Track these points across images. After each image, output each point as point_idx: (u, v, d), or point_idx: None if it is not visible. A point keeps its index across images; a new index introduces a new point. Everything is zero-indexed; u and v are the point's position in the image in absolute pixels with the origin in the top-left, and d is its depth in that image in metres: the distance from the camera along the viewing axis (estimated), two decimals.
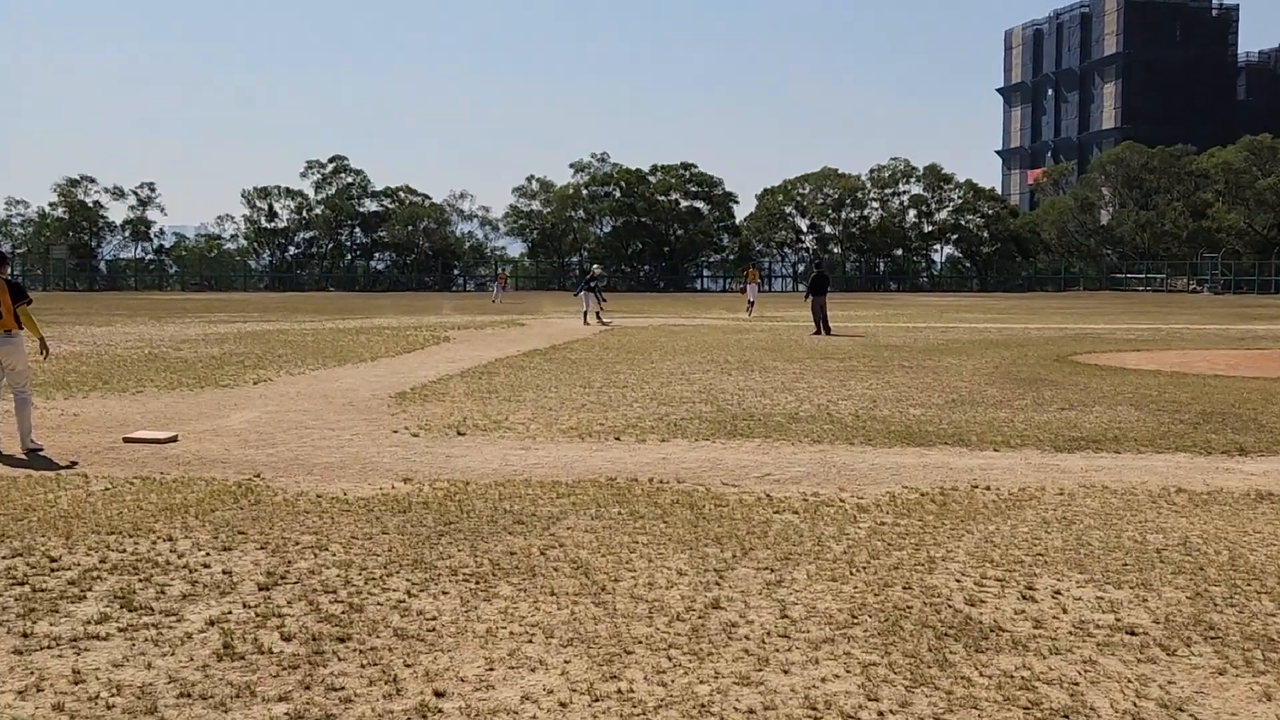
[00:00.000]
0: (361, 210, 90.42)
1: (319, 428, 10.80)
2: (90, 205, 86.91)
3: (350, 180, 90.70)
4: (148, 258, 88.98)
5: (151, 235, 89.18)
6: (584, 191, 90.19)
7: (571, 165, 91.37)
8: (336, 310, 42.30)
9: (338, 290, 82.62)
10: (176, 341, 22.92)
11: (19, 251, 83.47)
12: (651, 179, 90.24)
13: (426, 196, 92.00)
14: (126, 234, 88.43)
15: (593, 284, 31.99)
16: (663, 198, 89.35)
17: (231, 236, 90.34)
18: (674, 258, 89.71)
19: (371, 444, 9.86)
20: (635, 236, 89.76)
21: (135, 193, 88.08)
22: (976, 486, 8.04)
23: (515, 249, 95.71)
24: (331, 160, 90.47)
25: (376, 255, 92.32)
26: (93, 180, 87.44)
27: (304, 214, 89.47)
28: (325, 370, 16.80)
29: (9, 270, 10.28)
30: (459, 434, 10.39)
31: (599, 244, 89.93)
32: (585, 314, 31.34)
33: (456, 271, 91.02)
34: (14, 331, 9.68)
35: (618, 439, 10.15)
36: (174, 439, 10.02)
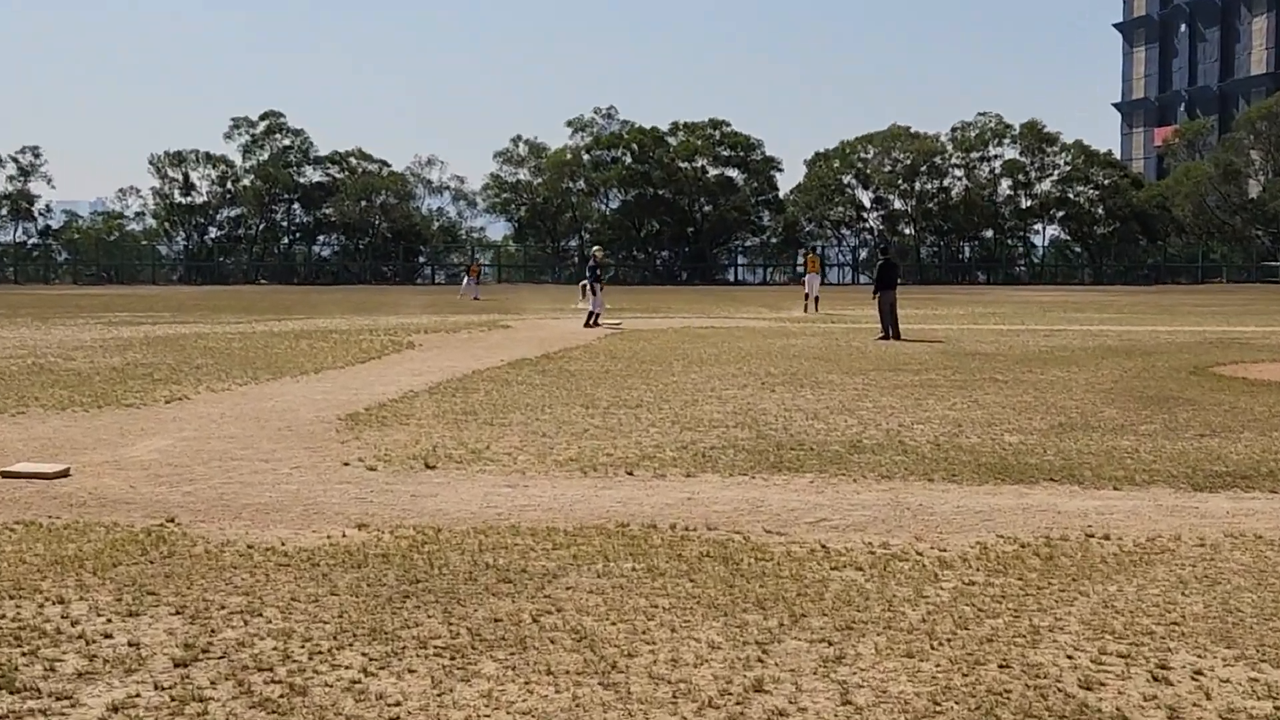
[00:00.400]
0: (302, 181, 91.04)
1: (249, 459, 10.84)
2: None
3: (288, 143, 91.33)
4: (30, 242, 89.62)
5: (35, 214, 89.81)
6: (585, 156, 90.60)
7: (569, 123, 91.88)
8: (270, 309, 42.52)
9: (272, 283, 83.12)
10: (67, 349, 23.07)
11: None
12: (671, 140, 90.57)
13: (384, 164, 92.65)
14: (3, 212, 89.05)
15: (598, 272, 31.84)
16: (686, 164, 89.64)
17: (136, 215, 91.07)
18: (700, 241, 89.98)
19: (316, 480, 9.88)
20: (651, 214, 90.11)
21: (15, 159, 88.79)
22: (1092, 535, 8.01)
23: (497, 230, 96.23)
24: (264, 117, 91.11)
25: (321, 239, 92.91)
26: None
27: (229, 186, 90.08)
28: (256, 385, 16.86)
29: None
30: (427, 467, 10.41)
31: (604, 223, 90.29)
32: (592, 315, 31.08)
33: (423, 259, 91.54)
34: None
35: (630, 473, 10.16)
36: (65, 473, 10.08)
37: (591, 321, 30.68)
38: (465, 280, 55.56)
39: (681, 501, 9.05)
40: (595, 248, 34.04)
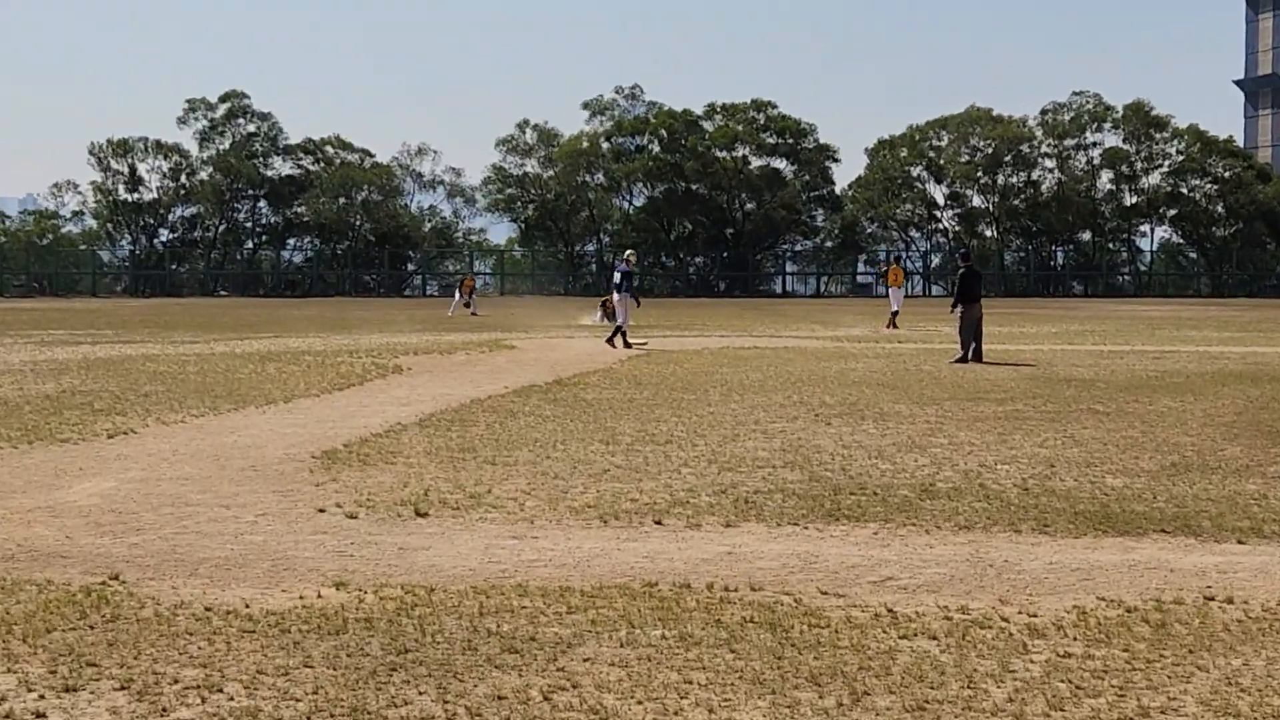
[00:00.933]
0: (269, 175, 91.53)
1: (206, 504, 10.88)
2: None
3: (253, 129, 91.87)
4: None
5: None
6: (604, 145, 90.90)
7: (586, 106, 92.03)
8: (232, 325, 42.71)
9: (234, 295, 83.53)
10: None
11: None
12: (707, 125, 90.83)
13: (367, 153, 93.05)
14: None
15: (631, 281, 31.71)
16: (724, 154, 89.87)
17: (74, 214, 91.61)
18: (741, 245, 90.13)
19: (286, 529, 9.91)
20: (682, 212, 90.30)
21: None
22: (1212, 599, 7.96)
23: (500, 232, 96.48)
24: (225, 99, 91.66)
25: (292, 242, 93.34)
26: None
27: (183, 180, 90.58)
28: (215, 417, 16.93)
29: None
30: (418, 514, 10.43)
31: (627, 223, 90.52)
32: (619, 331, 31.00)
33: (412, 266, 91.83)
34: None
35: (659, 523, 10.15)
36: None
37: (621, 341, 30.59)
38: (457, 296, 55.49)
39: (720, 556, 9.04)
40: (629, 251, 33.92)
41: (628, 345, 30.34)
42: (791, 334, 37.86)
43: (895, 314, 41.36)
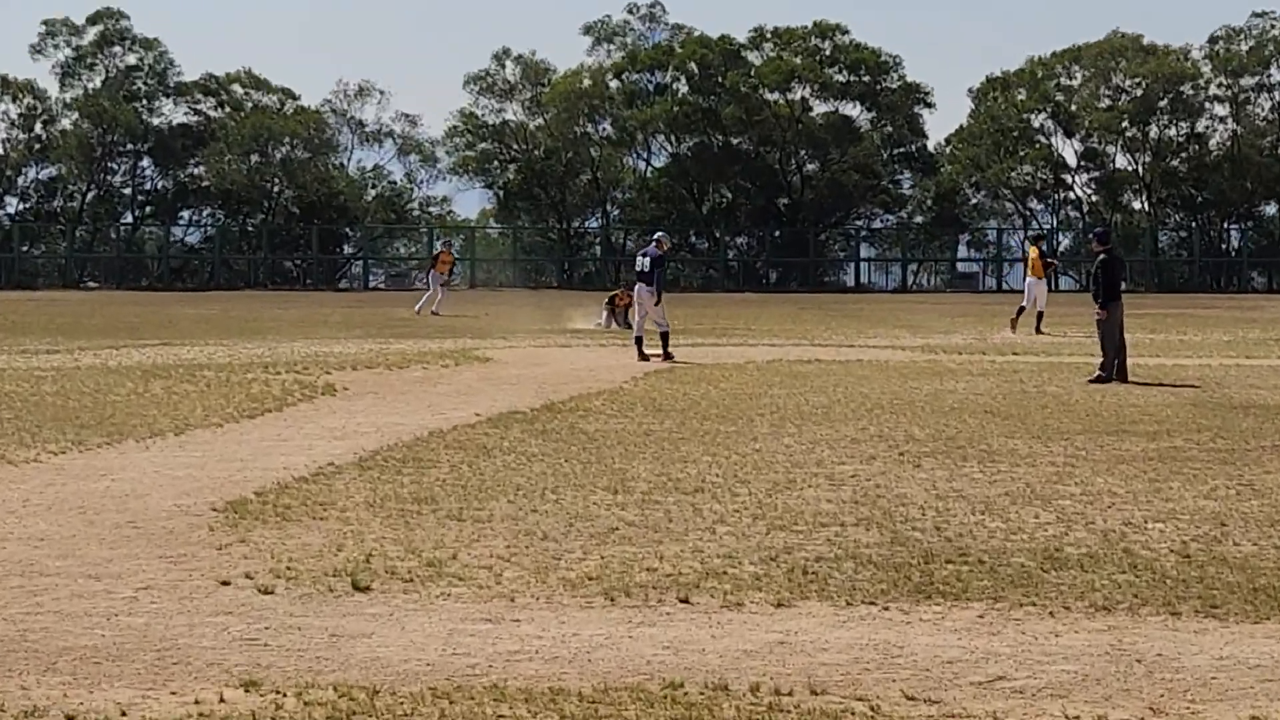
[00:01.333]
0: (157, 124, 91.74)
1: (69, 574, 10.88)
2: None
3: (134, 62, 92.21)
4: None
5: None
6: (613, 84, 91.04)
7: (587, 30, 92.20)
8: (105, 329, 42.78)
9: (107, 287, 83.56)
10: None
11: None
12: (752, 57, 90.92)
13: (289, 94, 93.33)
14: None
15: (662, 272, 31.76)
16: (776, 96, 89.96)
17: None
18: (800, 220, 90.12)
19: (178, 609, 9.90)
20: (719, 176, 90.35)
21: None
22: None
23: (470, 202, 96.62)
24: (95, 20, 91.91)
25: (187, 215, 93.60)
26: None
27: (38, 131, 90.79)
28: (81, 455, 16.94)
29: None
30: (357, 589, 10.41)
31: (644, 191, 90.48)
32: (639, 341, 31.08)
33: (350, 248, 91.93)
34: None
35: (686, 601, 10.14)
36: None
37: (664, 350, 30.57)
38: (431, 277, 52.35)
39: (769, 647, 9.01)
40: (659, 234, 33.85)
41: (643, 357, 30.33)
42: (867, 342, 37.81)
43: (1022, 311, 41.08)
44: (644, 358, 30.31)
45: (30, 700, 7.99)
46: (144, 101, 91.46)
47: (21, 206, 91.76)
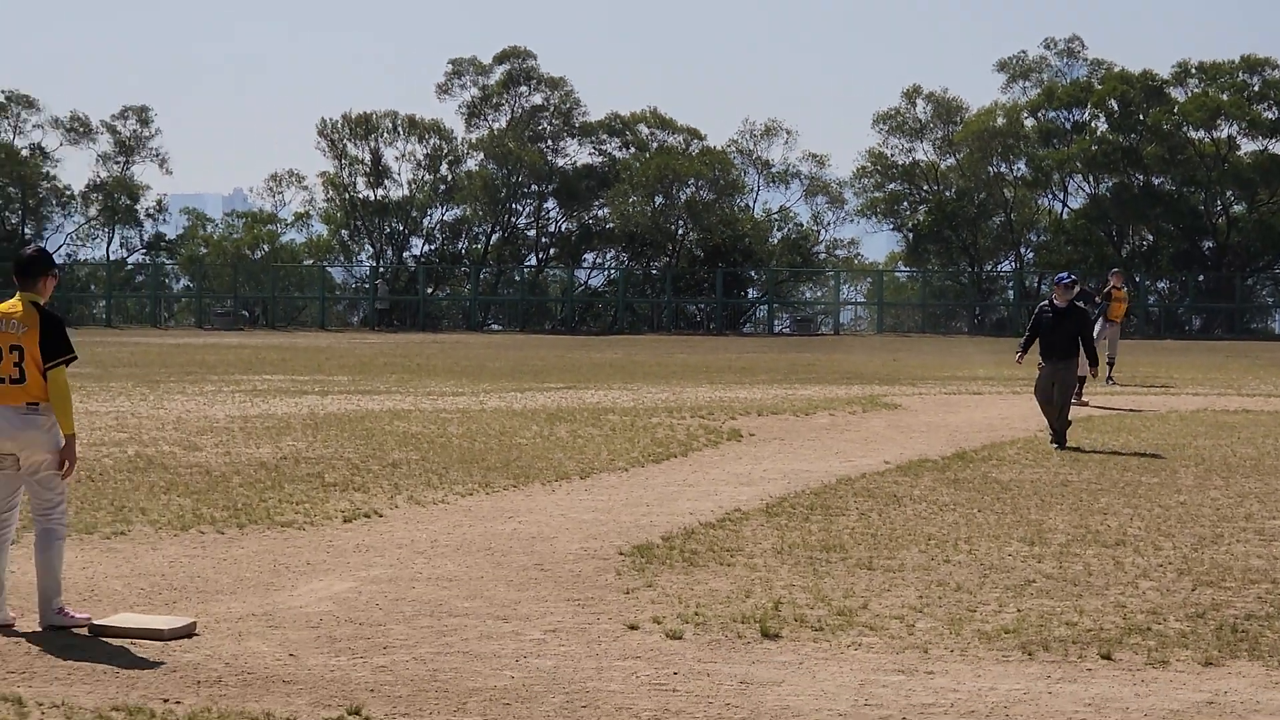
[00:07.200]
0: (561, 165, 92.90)
1: (477, 615, 11.19)
2: None
3: (539, 102, 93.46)
4: (133, 260, 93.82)
5: (140, 216, 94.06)
6: (1028, 122, 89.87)
7: (1001, 66, 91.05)
8: (509, 371, 43.67)
9: (510, 330, 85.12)
10: (189, 432, 24.14)
11: None
12: (1175, 93, 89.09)
13: (694, 134, 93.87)
14: (91, 213, 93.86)
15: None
16: (1201, 135, 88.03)
17: (297, 218, 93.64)
18: (1225, 264, 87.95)
19: (586, 652, 10.11)
20: (1139, 218, 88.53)
21: (112, 128, 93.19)
22: None
23: (878, 246, 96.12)
24: (502, 59, 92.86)
25: (590, 258, 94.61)
26: None
27: (444, 171, 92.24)
28: (488, 497, 17.36)
29: (49, 291, 11.26)
30: (766, 636, 10.51)
31: (1058, 233, 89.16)
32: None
33: (754, 292, 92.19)
34: (37, 406, 10.83)
35: (1107, 657, 10.04)
36: (188, 631, 10.64)
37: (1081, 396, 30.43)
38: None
39: (1197, 708, 8.87)
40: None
41: (1086, 401, 30.07)
42: None
43: None
44: (1088, 402, 30.09)
45: None
46: (549, 142, 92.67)
47: (426, 248, 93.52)
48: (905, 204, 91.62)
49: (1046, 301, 24.47)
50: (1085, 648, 10.26)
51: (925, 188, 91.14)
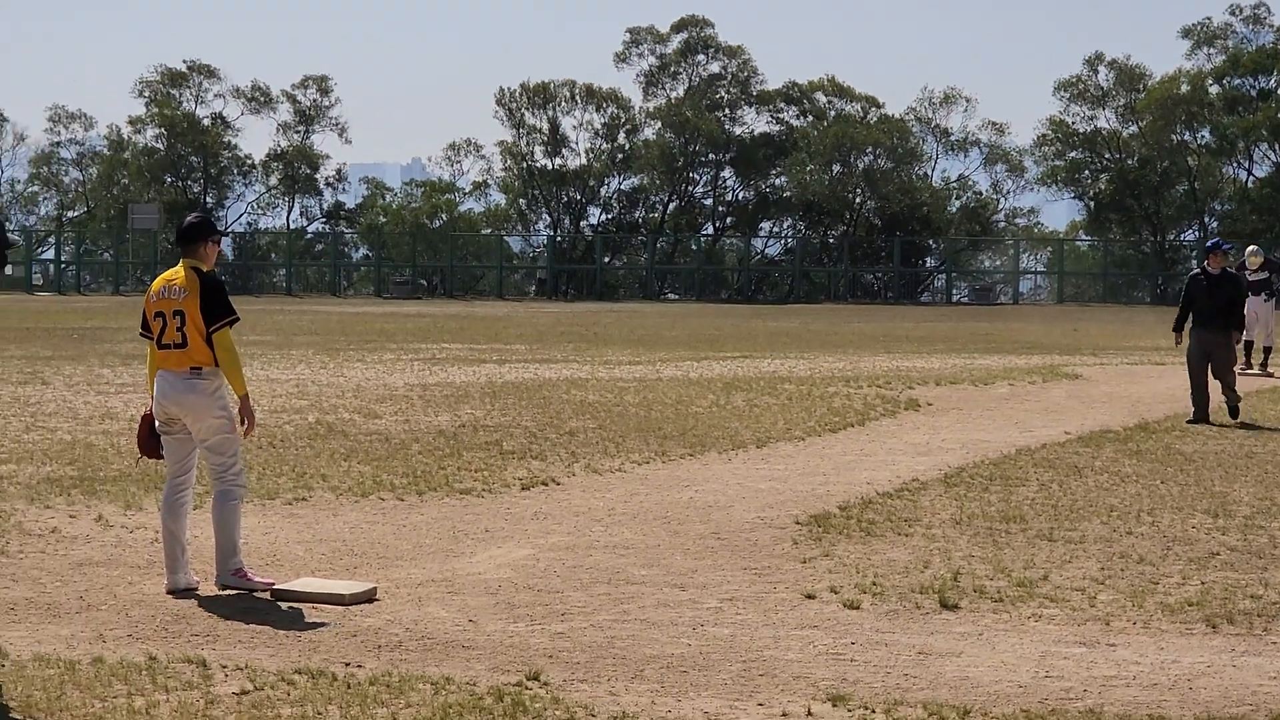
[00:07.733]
0: (739, 133, 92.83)
1: (653, 583, 11.23)
2: None
3: (717, 70, 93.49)
4: (312, 229, 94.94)
5: (321, 185, 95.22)
6: (1212, 89, 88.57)
7: (1186, 32, 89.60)
8: (685, 340, 43.70)
9: (686, 299, 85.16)
10: (368, 400, 24.36)
11: None
12: None
13: (872, 102, 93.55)
14: (272, 181, 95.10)
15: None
16: None
17: (475, 187, 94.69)
18: None
19: (762, 620, 10.13)
20: None
21: (292, 96, 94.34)
22: None
23: (1058, 214, 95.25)
24: (679, 28, 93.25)
25: (767, 227, 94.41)
26: None
27: (621, 140, 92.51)
28: (664, 465, 17.40)
29: (212, 257, 11.48)
30: (945, 607, 10.47)
31: (1243, 201, 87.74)
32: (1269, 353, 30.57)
33: (933, 260, 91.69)
34: (200, 370, 11.04)
35: None
36: (369, 596, 10.80)
37: (1264, 365, 30.08)
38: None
39: None
40: (1250, 248, 32.78)
41: (1250, 369, 29.68)
42: None
43: None
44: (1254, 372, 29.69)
45: (619, 706, 8.28)
46: (726, 110, 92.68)
47: (604, 217, 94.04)
48: (1086, 172, 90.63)
49: (1199, 269, 23.93)
50: (1271, 621, 10.13)
51: (1107, 156, 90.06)
